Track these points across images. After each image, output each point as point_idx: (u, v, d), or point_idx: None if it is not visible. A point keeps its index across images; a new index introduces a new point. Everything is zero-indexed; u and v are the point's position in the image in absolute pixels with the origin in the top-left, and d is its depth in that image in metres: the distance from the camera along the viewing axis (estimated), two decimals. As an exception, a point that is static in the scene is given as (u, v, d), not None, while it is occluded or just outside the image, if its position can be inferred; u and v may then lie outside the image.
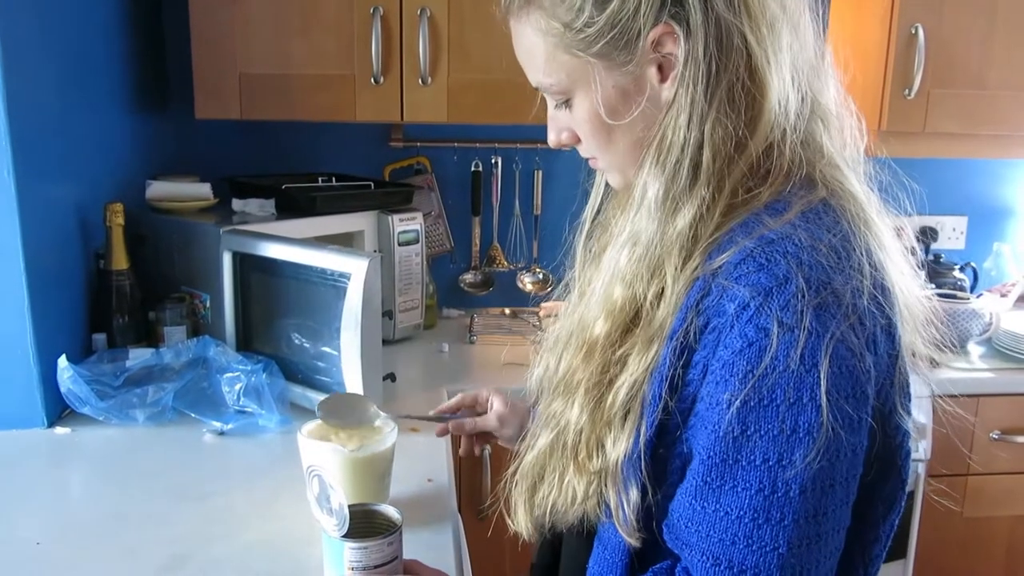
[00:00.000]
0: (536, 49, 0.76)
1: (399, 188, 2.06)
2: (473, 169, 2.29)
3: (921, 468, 1.96)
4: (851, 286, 0.67)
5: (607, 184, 0.88)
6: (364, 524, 0.95)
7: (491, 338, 2.11)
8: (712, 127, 0.71)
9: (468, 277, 2.36)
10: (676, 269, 0.73)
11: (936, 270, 2.35)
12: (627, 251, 0.76)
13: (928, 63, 2.00)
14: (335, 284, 1.51)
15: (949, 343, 0.75)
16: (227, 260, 1.65)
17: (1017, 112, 2.09)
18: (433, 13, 1.86)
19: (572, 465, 0.78)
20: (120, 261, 1.66)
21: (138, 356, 1.59)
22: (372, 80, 1.87)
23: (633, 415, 0.74)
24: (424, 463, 1.34)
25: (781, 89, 0.72)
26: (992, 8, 2.02)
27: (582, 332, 0.80)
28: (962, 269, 2.38)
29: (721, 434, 0.67)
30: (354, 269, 1.44)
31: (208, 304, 1.73)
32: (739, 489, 0.66)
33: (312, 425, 1.19)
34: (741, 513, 0.66)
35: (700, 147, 0.71)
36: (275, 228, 1.75)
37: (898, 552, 2.01)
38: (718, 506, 0.68)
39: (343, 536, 0.92)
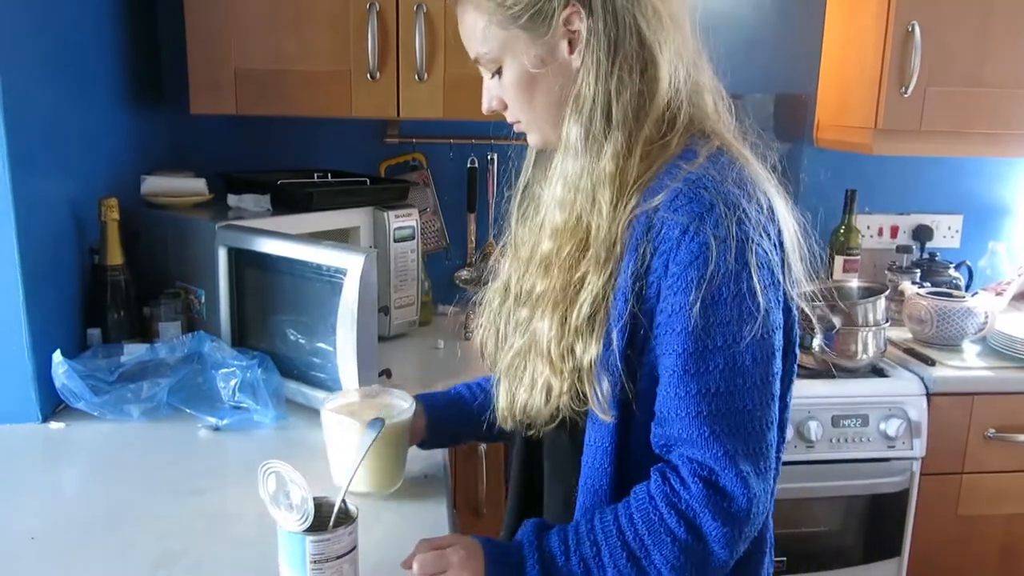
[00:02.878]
0: (475, 25, 0.96)
1: (395, 184, 2.06)
2: (469, 165, 2.29)
3: (916, 466, 1.96)
4: (754, 207, 0.88)
5: (536, 156, 1.07)
6: (316, 518, 0.95)
7: (487, 335, 2.10)
8: (617, 85, 0.91)
9: (464, 273, 2.36)
10: (611, 201, 0.92)
11: (931, 268, 2.36)
12: (560, 183, 0.95)
13: (924, 61, 2.00)
14: (331, 280, 1.50)
15: (814, 263, 0.99)
16: (222, 256, 1.64)
17: (1013, 110, 2.09)
18: (429, 9, 1.86)
19: (547, 367, 0.96)
20: (115, 256, 1.66)
21: (133, 351, 1.58)
22: (368, 76, 1.87)
23: (600, 325, 0.92)
24: (420, 461, 1.34)
25: (670, 60, 0.93)
26: (988, 5, 2.03)
27: (531, 261, 1.00)
28: (957, 268, 2.39)
29: (689, 331, 0.86)
30: (350, 265, 1.44)
31: (203, 300, 1.72)
32: (711, 369, 0.86)
33: (336, 402, 1.25)
34: (719, 387, 0.86)
35: (609, 100, 0.91)
36: (270, 224, 1.74)
37: (892, 550, 2.01)
38: (699, 387, 0.86)
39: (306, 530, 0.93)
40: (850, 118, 2.23)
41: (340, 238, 1.93)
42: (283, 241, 1.56)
